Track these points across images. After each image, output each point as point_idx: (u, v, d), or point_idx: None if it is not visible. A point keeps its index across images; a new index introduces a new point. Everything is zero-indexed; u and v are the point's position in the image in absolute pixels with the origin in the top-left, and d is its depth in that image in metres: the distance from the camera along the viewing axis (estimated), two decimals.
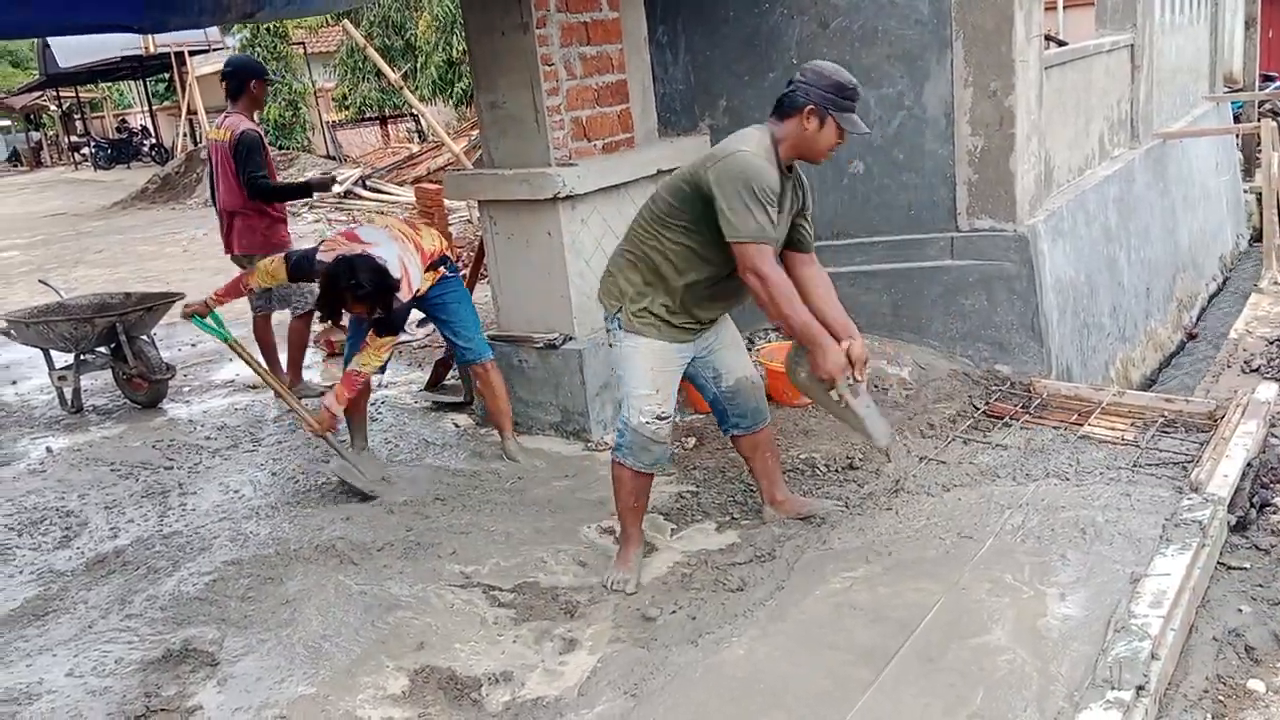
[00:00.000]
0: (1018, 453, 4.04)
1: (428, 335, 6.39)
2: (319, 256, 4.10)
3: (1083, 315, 5.38)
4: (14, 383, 6.77)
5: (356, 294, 3.89)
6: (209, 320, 4.44)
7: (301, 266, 4.20)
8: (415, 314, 4.63)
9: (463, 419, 5.14)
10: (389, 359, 4.27)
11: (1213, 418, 4.16)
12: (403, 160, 16.51)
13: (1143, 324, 6.51)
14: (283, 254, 4.42)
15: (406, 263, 4.11)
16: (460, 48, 16.71)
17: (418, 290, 4.24)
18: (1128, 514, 3.43)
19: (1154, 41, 7.31)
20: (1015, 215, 4.74)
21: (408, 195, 10.60)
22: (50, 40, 25.70)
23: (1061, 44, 6.63)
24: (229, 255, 5.73)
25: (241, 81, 5.45)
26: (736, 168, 3.05)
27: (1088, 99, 6.19)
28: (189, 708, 2.90)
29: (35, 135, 40.35)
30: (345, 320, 4.25)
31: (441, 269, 4.42)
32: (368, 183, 15.43)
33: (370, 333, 4.15)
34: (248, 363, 4.57)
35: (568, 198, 4.54)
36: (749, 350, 5.10)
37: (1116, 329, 5.97)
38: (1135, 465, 3.83)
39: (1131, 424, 4.22)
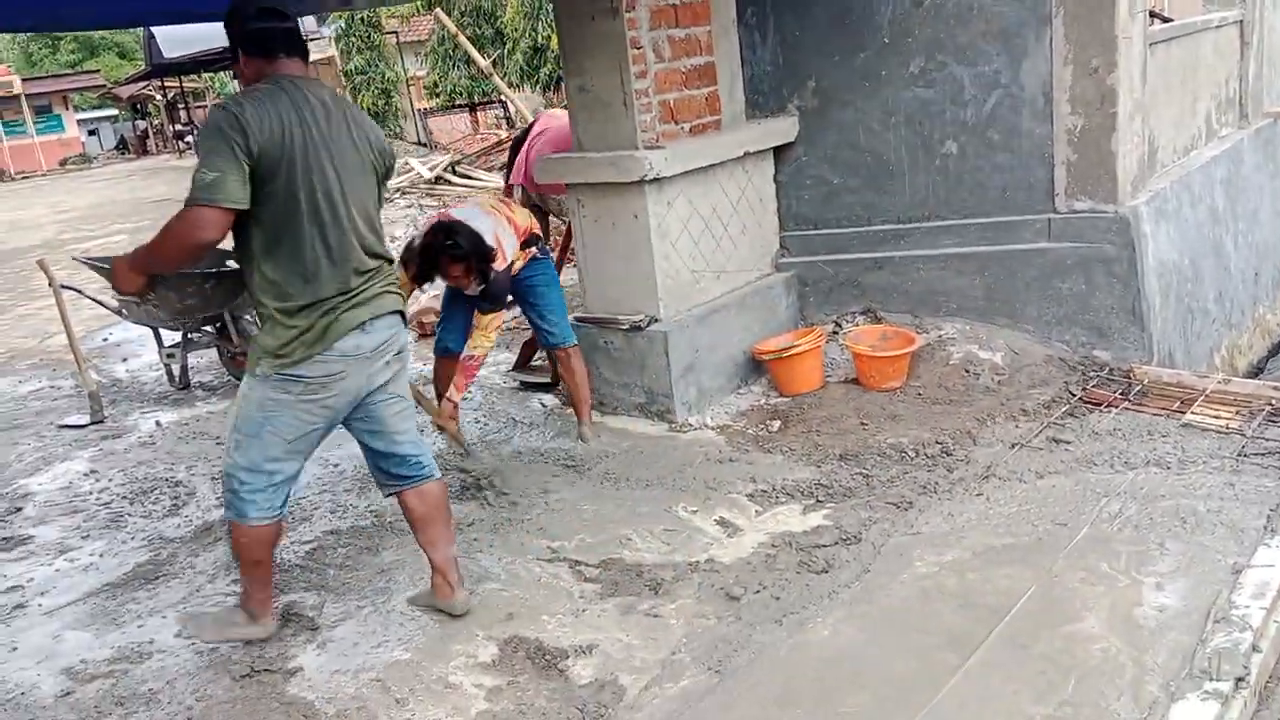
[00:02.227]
0: (1116, 440, 3.93)
1: (515, 317, 6.48)
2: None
3: (1186, 300, 5.19)
4: (125, 360, 7.10)
5: (454, 254, 3.95)
6: None
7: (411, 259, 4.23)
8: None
9: (549, 399, 5.21)
10: (497, 338, 4.32)
11: None
12: (491, 146, 16.72)
13: (1250, 310, 6.25)
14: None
15: (500, 235, 4.17)
16: (545, 34, 16.84)
17: (512, 263, 4.30)
18: (1231, 504, 3.32)
19: (1264, 18, 6.98)
20: (1116, 196, 4.60)
21: (496, 181, 10.74)
22: (155, 31, 26.68)
23: (1166, 20, 6.38)
24: None
25: None
26: (205, 128, 2.80)
27: (1194, 77, 5.95)
28: (290, 669, 3.03)
29: (141, 124, 41.95)
30: (434, 295, 4.32)
31: (533, 249, 4.48)
32: (457, 169, 15.67)
33: (475, 314, 4.23)
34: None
35: (654, 180, 4.57)
36: (836, 335, 5.07)
37: (1222, 315, 5.74)
38: (1240, 454, 3.70)
39: (1237, 412, 4.07)
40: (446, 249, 3.96)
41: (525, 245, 4.42)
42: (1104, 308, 4.66)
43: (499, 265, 4.10)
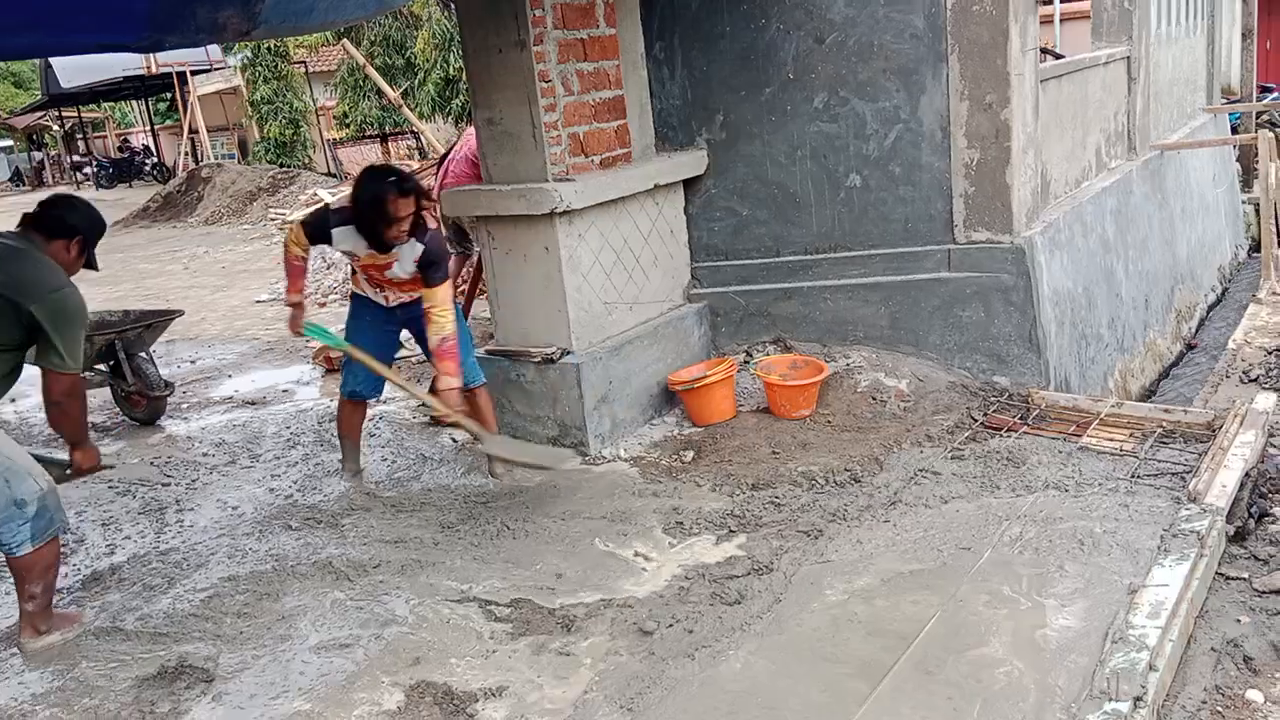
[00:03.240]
0: (1016, 463, 4.03)
1: (419, 355, 6.37)
2: (334, 206, 4.03)
3: (1081, 326, 5.37)
4: (13, 400, 6.76)
5: (404, 188, 3.76)
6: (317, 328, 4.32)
7: (318, 224, 4.10)
8: (405, 333, 4.61)
9: (460, 434, 5.12)
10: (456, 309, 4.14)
11: (1211, 428, 4.15)
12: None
13: (1141, 335, 6.51)
14: (299, 221, 4.29)
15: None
16: (457, 65, 16.78)
17: (413, 283, 4.15)
18: (1126, 525, 3.42)
19: (1150, 54, 7.33)
20: (1012, 227, 4.75)
21: None
22: (52, 60, 25.86)
23: (1058, 57, 6.66)
24: None
25: None
26: (74, 305, 3.33)
27: (1084, 111, 6.20)
28: None
29: (38, 155, 40.49)
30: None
31: None
32: None
33: (426, 290, 4.04)
34: (369, 365, 4.33)
35: (565, 213, 4.55)
36: (748, 365, 5.12)
37: (1115, 340, 5.96)
38: (1134, 476, 3.82)
39: (1130, 435, 4.21)
40: (394, 184, 3.77)
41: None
42: (1003, 335, 4.80)
43: (432, 224, 3.96)
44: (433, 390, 5.36)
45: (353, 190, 3.93)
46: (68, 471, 3.58)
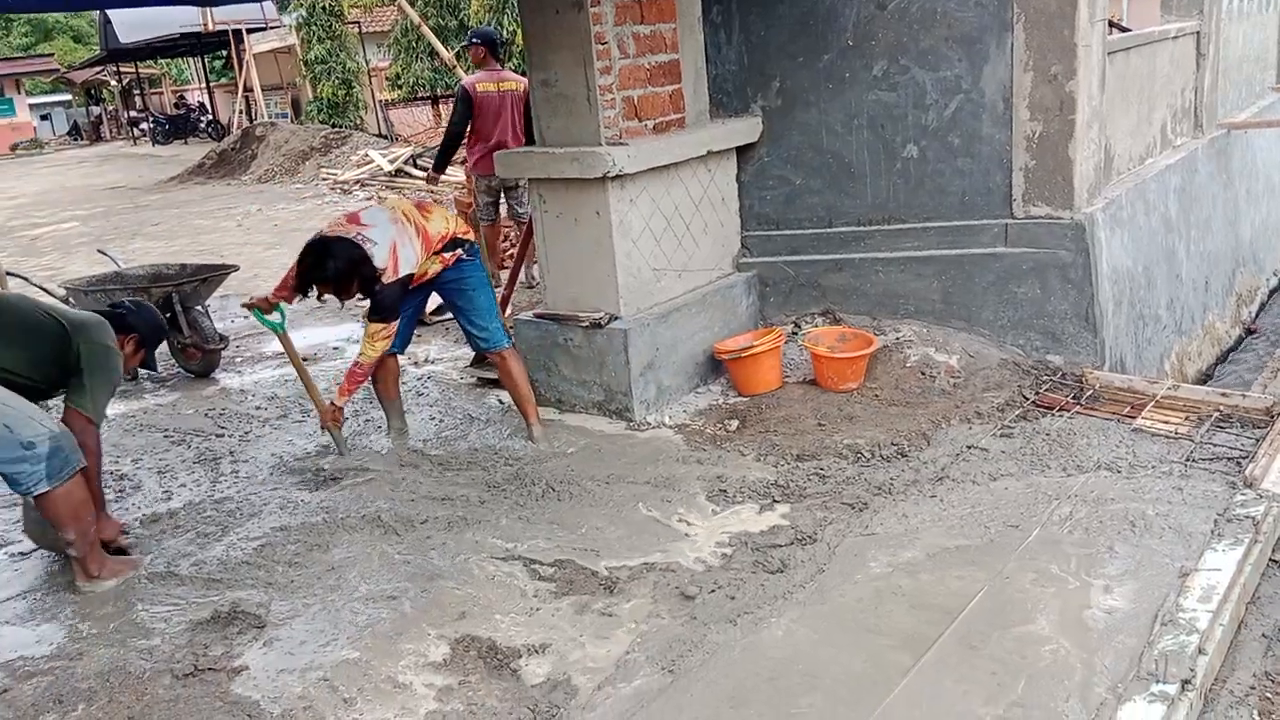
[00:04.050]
0: (1067, 443, 3.97)
1: (441, 321, 6.41)
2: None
3: (1139, 307, 5.27)
4: None
5: (318, 277, 3.97)
6: (272, 316, 4.44)
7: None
8: (434, 299, 4.64)
9: (507, 395, 5.16)
10: (385, 347, 4.25)
11: (1269, 413, 4.06)
12: None
13: (1200, 317, 6.37)
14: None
15: (400, 246, 4.03)
16: (511, 27, 16.74)
17: (422, 273, 4.20)
18: (1179, 508, 3.37)
19: (1220, 29, 7.11)
20: (1073, 203, 4.65)
21: (457, 174, 10.66)
22: (111, 15, 26.23)
23: (1125, 29, 6.48)
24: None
25: (496, 45, 7.22)
26: (115, 364, 3.62)
27: (1151, 86, 6.04)
28: (235, 668, 2.97)
29: (95, 110, 41.18)
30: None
31: (459, 252, 4.31)
32: (418, 162, 15.54)
33: (367, 322, 4.19)
34: (291, 357, 4.59)
35: (617, 177, 4.54)
36: (795, 336, 5.09)
37: (1173, 322, 5.84)
38: (1189, 460, 3.76)
39: (1186, 418, 4.14)
40: (311, 273, 3.97)
41: (450, 248, 4.27)
42: (1058, 313, 4.72)
43: (388, 277, 4.01)
44: (479, 359, 5.43)
45: (305, 248, 4.07)
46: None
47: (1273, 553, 3.26)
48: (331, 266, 3.92)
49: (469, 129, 7.14)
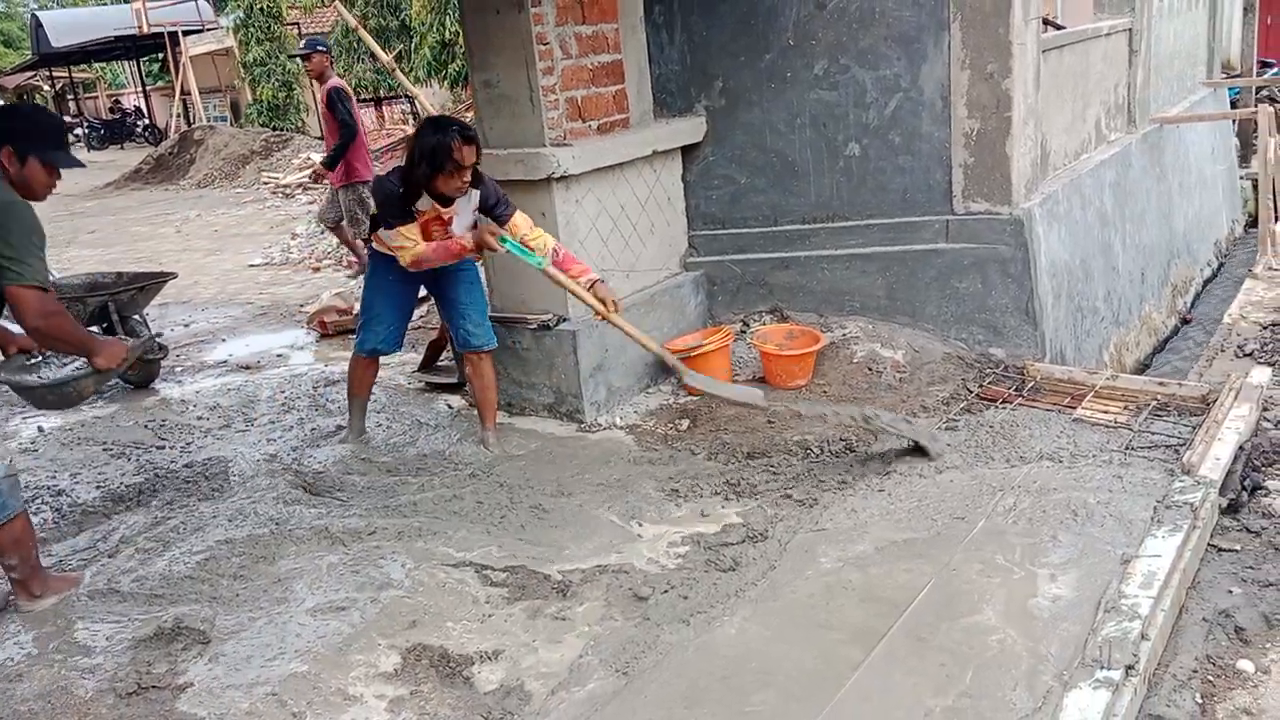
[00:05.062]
0: (1010, 435, 4.04)
1: (421, 316, 6.36)
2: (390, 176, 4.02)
3: (1077, 299, 5.38)
4: None
5: (467, 134, 3.81)
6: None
7: (391, 203, 4.00)
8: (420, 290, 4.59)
9: (456, 400, 5.13)
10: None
11: (1205, 401, 4.16)
12: (397, 142, 16.42)
13: (1137, 308, 6.51)
14: (377, 225, 4.23)
15: None
16: (454, 29, 16.59)
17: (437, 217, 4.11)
18: (1119, 496, 3.44)
19: (1152, 26, 7.28)
20: (1011, 198, 4.73)
21: None
22: (42, 19, 25.58)
23: (1059, 28, 6.60)
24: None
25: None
26: (9, 200, 3.06)
27: (1085, 83, 6.17)
28: (180, 685, 2.90)
29: None
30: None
31: None
32: None
33: (509, 224, 4.08)
34: (562, 283, 4.16)
35: (562, 178, 4.53)
36: (744, 334, 5.11)
37: (1111, 313, 5.97)
38: (1127, 448, 3.84)
39: (1124, 407, 4.23)
40: (458, 132, 3.78)
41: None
42: (999, 307, 4.80)
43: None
44: (427, 364, 5.38)
45: (414, 142, 3.89)
46: (88, 378, 3.37)
47: (1211, 538, 3.35)
48: (469, 125, 3.82)
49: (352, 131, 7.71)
